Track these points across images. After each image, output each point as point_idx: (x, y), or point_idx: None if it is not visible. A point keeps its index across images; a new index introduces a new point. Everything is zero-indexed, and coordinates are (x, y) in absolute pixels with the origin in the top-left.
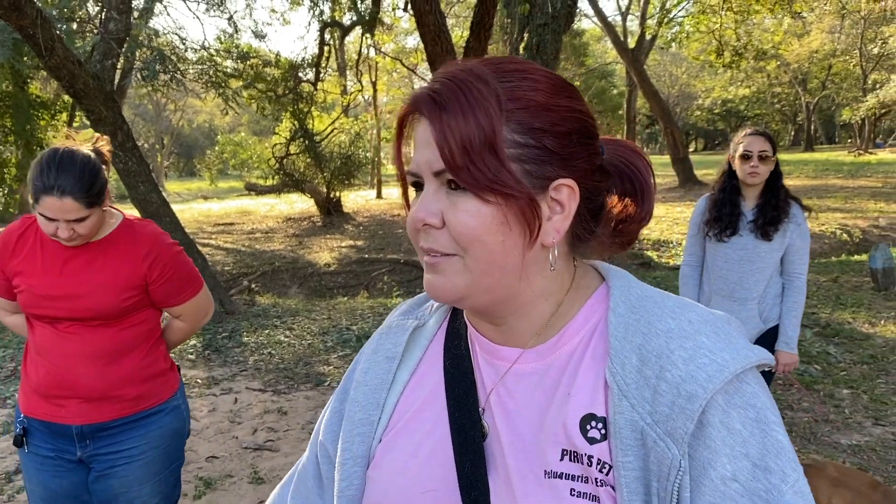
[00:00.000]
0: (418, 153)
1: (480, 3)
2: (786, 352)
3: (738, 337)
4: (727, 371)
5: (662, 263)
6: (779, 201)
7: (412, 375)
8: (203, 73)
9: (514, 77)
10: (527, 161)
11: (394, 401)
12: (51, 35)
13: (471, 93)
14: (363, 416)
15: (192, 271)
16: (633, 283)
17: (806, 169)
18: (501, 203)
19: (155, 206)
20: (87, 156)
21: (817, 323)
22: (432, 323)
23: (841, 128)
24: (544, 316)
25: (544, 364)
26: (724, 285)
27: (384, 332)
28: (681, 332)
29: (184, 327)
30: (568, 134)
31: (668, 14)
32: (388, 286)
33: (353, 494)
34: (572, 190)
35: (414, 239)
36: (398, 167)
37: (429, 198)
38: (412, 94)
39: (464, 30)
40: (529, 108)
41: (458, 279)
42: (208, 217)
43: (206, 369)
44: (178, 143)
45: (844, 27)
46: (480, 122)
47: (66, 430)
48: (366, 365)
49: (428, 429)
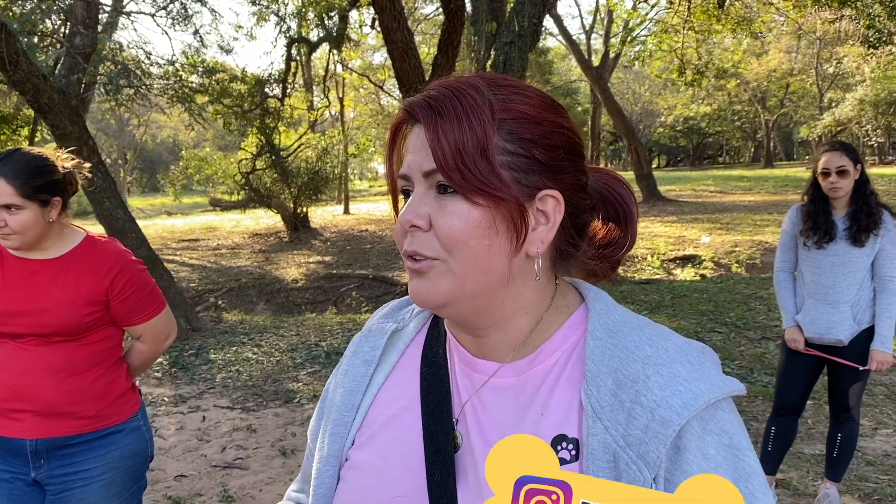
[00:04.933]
0: (409, 157)
1: (448, 20)
2: (880, 350)
3: (712, 367)
4: (701, 399)
5: (628, 278)
6: (871, 209)
7: (387, 378)
8: (169, 87)
9: (507, 90)
10: (516, 169)
11: (368, 402)
12: (15, 49)
13: (465, 100)
14: (338, 416)
15: (154, 290)
16: (611, 306)
17: (766, 185)
18: (490, 206)
19: (121, 222)
20: (40, 154)
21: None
22: (412, 327)
23: (799, 144)
24: (523, 331)
25: (520, 380)
26: (817, 290)
27: (364, 335)
28: (657, 360)
29: (145, 350)
30: (556, 147)
31: (631, 33)
32: (356, 301)
33: (325, 493)
34: (558, 202)
35: (399, 243)
36: (388, 174)
37: (417, 201)
38: (407, 100)
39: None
40: (520, 120)
41: (442, 283)
42: (173, 233)
43: (172, 387)
44: (141, 158)
45: (801, 47)
46: (474, 126)
47: (20, 446)
48: (345, 367)
49: (401, 434)
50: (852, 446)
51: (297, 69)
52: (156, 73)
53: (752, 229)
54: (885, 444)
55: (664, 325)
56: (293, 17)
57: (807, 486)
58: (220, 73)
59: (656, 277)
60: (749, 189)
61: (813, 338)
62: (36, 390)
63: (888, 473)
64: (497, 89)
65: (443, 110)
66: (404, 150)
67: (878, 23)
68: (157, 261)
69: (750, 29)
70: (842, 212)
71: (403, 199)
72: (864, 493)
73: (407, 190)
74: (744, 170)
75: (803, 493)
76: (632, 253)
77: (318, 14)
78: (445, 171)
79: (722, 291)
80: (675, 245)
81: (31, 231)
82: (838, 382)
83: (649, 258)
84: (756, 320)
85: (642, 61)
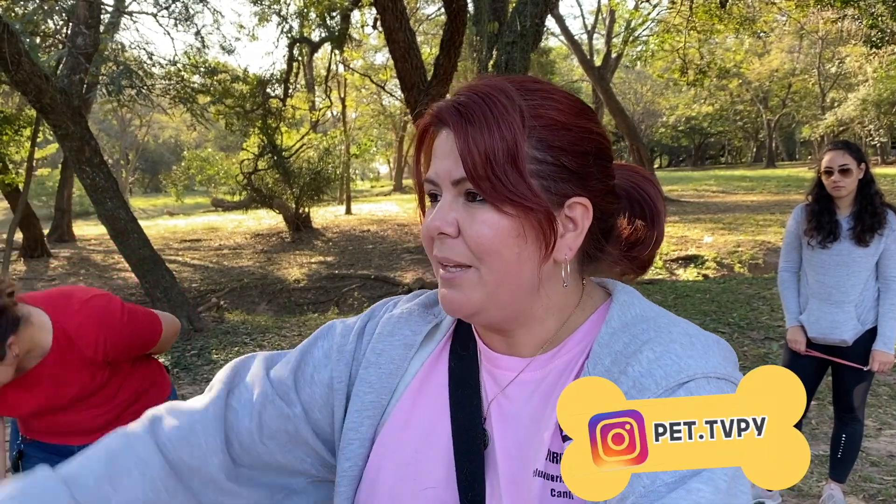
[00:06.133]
0: (438, 163)
1: (450, 21)
2: (883, 351)
3: (717, 353)
4: (684, 373)
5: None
6: (875, 208)
7: (422, 366)
8: (171, 87)
9: (537, 95)
10: (545, 177)
11: (403, 388)
12: (17, 49)
13: (496, 107)
14: (374, 398)
15: (142, 318)
16: (635, 300)
17: (768, 185)
18: (519, 216)
19: (123, 223)
20: None
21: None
22: (447, 322)
23: (801, 145)
24: (550, 331)
25: (543, 373)
26: (820, 289)
27: (404, 317)
28: (657, 340)
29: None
30: (585, 154)
31: (633, 33)
32: (358, 302)
33: (356, 475)
34: (586, 209)
35: (428, 248)
36: (416, 176)
37: (445, 207)
38: (436, 105)
39: (433, 47)
40: (550, 127)
41: (473, 293)
42: (175, 233)
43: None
44: (143, 158)
45: (803, 47)
46: (504, 135)
47: (67, 450)
48: (381, 346)
49: (431, 428)
50: (857, 447)
51: (299, 69)
52: (158, 73)
53: (754, 229)
54: (889, 444)
55: None
56: (295, 18)
57: (811, 487)
58: (222, 74)
59: (659, 278)
60: (751, 189)
61: (816, 338)
62: (81, 427)
63: (892, 474)
64: (528, 94)
65: (473, 117)
66: (432, 153)
67: (881, 22)
68: (160, 261)
69: (752, 29)
70: (846, 211)
71: (431, 201)
72: (869, 494)
73: (434, 193)
74: (746, 170)
75: (807, 493)
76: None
77: (320, 14)
78: (475, 180)
79: (725, 292)
80: (678, 245)
81: (21, 357)
82: (842, 383)
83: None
84: (759, 320)
85: (644, 61)
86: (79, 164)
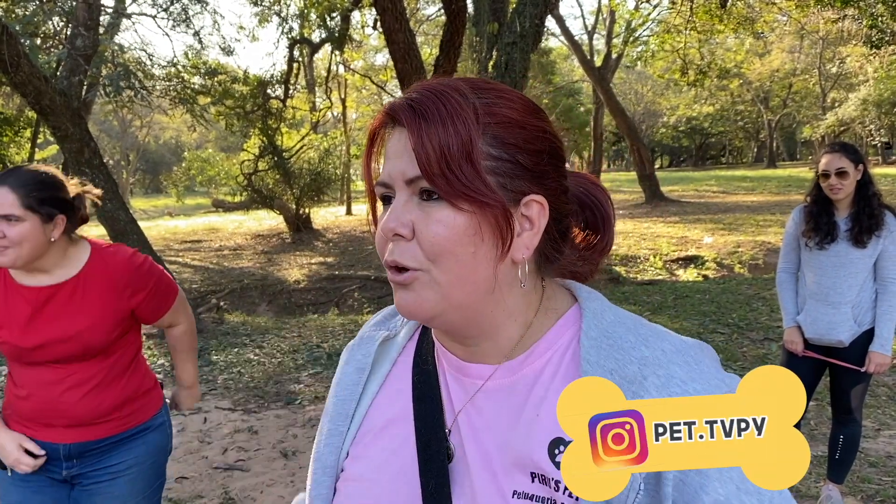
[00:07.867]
0: (390, 163)
1: (450, 21)
2: (879, 353)
3: (710, 366)
4: None
5: (630, 278)
6: (873, 210)
7: (381, 387)
8: (171, 88)
9: (490, 94)
10: (501, 174)
11: (363, 412)
12: (16, 51)
13: (449, 103)
14: (332, 426)
15: (164, 278)
16: (606, 306)
17: (769, 185)
18: (475, 212)
19: (122, 224)
20: (48, 171)
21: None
22: (403, 334)
23: (802, 145)
24: (513, 338)
25: (512, 380)
26: (818, 290)
27: (356, 343)
28: (655, 361)
29: (184, 329)
30: (540, 152)
31: (633, 33)
32: (358, 303)
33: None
34: (542, 207)
35: (381, 252)
36: (367, 180)
37: (399, 208)
38: (388, 103)
39: (433, 48)
40: (504, 124)
41: (428, 294)
42: (175, 234)
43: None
44: (143, 159)
45: (804, 47)
46: (459, 130)
47: (53, 449)
48: (338, 376)
49: (395, 446)
50: (855, 448)
51: (300, 70)
52: (158, 74)
53: (754, 230)
54: (887, 445)
55: (666, 326)
56: (295, 18)
57: (809, 488)
58: (222, 75)
59: (659, 278)
60: (752, 189)
61: (813, 338)
62: (66, 407)
63: (891, 475)
64: (480, 93)
65: (427, 114)
66: (383, 155)
67: (881, 23)
68: (160, 262)
69: (752, 29)
70: (844, 213)
71: (383, 206)
72: (867, 495)
73: (387, 196)
74: (747, 170)
75: (805, 494)
76: (634, 254)
77: (320, 15)
78: (430, 177)
79: (724, 292)
80: (678, 246)
81: (27, 244)
82: (840, 384)
83: (652, 259)
84: (758, 321)
85: (645, 62)
86: (78, 166)
